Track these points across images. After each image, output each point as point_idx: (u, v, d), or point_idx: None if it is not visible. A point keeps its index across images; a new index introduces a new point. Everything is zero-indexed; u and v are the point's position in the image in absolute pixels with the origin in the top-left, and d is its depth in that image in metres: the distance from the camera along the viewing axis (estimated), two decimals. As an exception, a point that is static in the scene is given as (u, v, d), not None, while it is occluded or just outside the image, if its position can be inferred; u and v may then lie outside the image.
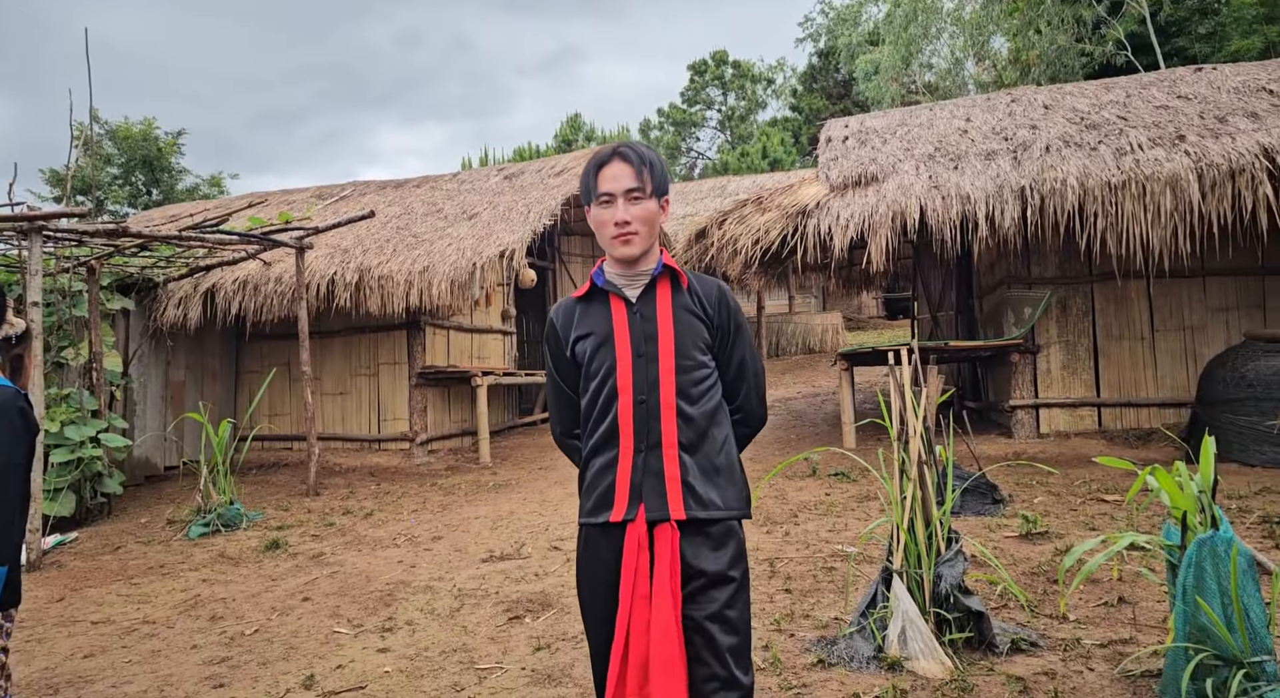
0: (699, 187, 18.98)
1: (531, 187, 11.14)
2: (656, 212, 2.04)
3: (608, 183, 2.01)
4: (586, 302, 2.11)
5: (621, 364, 1.98)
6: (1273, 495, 5.85)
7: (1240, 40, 19.96)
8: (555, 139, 35.27)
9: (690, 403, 1.98)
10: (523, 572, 5.15)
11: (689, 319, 2.03)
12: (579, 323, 2.08)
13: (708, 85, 40.00)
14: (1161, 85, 9.35)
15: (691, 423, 1.97)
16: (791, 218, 8.13)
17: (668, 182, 2.12)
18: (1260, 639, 2.57)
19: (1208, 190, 7.22)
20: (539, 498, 7.54)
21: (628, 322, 2.02)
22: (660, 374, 1.97)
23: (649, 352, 1.98)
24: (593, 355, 2.03)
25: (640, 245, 2.00)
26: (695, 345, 2.01)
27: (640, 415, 1.96)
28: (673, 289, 2.05)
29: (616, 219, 1.99)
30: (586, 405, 2.06)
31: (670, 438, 1.95)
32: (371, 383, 10.50)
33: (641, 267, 2.06)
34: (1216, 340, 8.41)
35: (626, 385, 1.97)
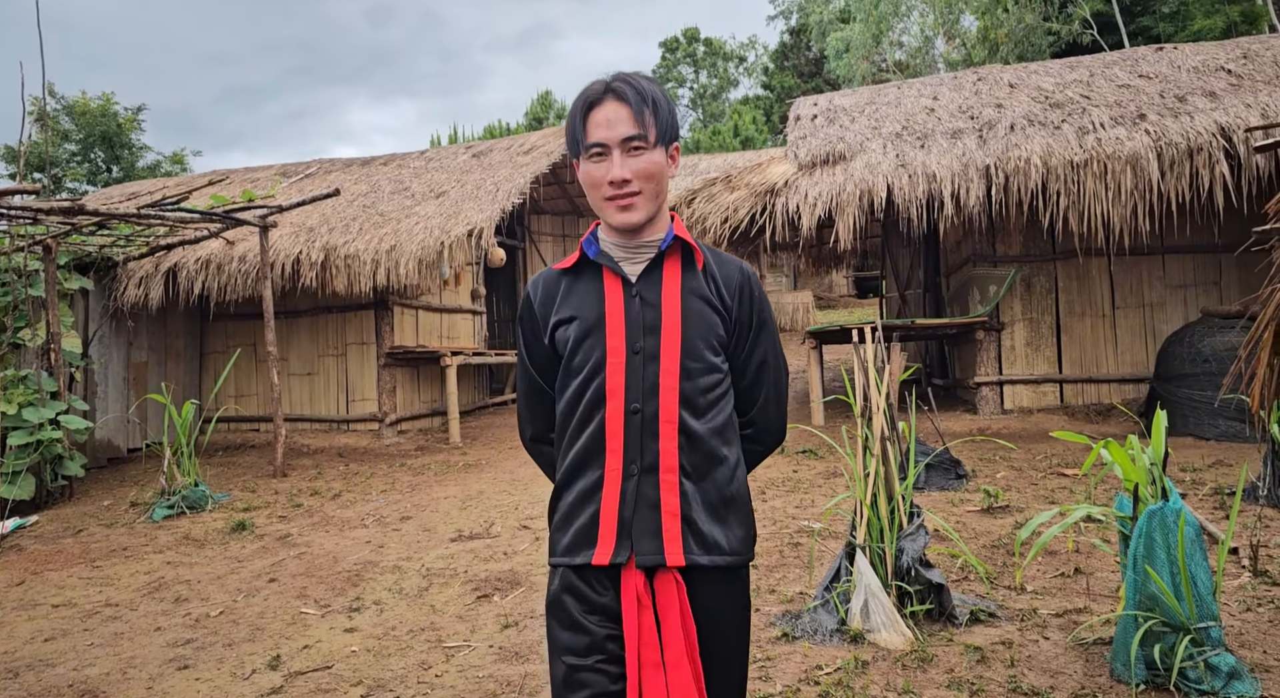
0: (669, 165, 18.93)
1: (500, 165, 11.05)
2: (664, 165, 1.60)
3: (599, 130, 1.55)
4: (574, 276, 1.68)
5: (612, 361, 1.59)
6: (1225, 468, 6.00)
7: (1203, 20, 20.21)
8: (526, 116, 34.96)
9: (696, 416, 1.59)
10: (491, 551, 5.16)
11: (702, 309, 1.62)
12: (562, 302, 1.67)
13: (679, 63, 39.80)
14: (1124, 64, 9.45)
15: (697, 442, 1.59)
16: (760, 196, 8.14)
17: (677, 122, 1.66)
18: (1206, 606, 2.65)
19: (1167, 169, 7.33)
20: (509, 477, 7.55)
21: (624, 306, 1.61)
22: (661, 378, 1.58)
23: (648, 347, 1.59)
24: (576, 346, 1.62)
25: (644, 211, 1.58)
26: (707, 343, 1.61)
27: (633, 429, 1.57)
28: (683, 269, 1.65)
29: (612, 177, 1.55)
30: (564, 410, 1.65)
31: (670, 460, 1.57)
32: (339, 363, 10.41)
33: (646, 236, 1.64)
34: (1175, 317, 8.58)
35: (617, 389, 1.58)
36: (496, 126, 31.34)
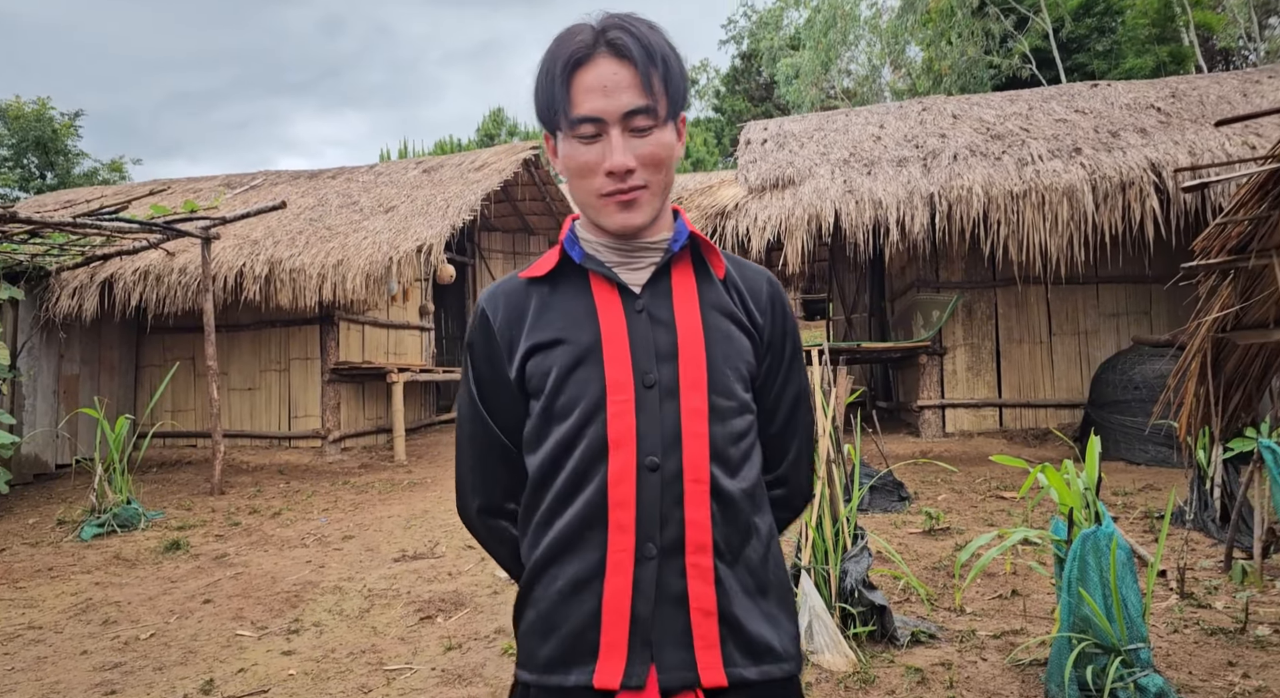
0: (621, 185, 19.04)
1: (451, 181, 10.99)
2: (675, 146, 1.21)
3: (593, 98, 1.15)
4: (549, 286, 1.27)
5: (616, 398, 1.17)
6: (1154, 492, 6.20)
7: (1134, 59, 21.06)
8: (478, 133, 34.83)
9: (730, 473, 1.20)
10: (436, 571, 5.09)
11: (729, 329, 1.25)
12: (537, 321, 1.24)
13: (632, 83, 40.01)
14: (1061, 99, 9.79)
15: (731, 509, 1.19)
16: (711, 218, 8.24)
17: (685, 83, 1.24)
18: (1136, 628, 2.73)
19: (1101, 201, 7.60)
20: (454, 496, 7.46)
21: (626, 325, 1.21)
22: (684, 420, 1.18)
23: (665, 379, 1.18)
24: (561, 381, 1.20)
25: (650, 209, 1.20)
26: (737, 374, 1.23)
27: (649, 491, 1.15)
28: (698, 277, 1.27)
29: (612, 165, 1.15)
30: (541, 470, 1.22)
31: (701, 535, 1.16)
32: (282, 378, 10.21)
33: (647, 237, 1.25)
34: (1108, 345, 8.86)
35: (626, 436, 1.16)
36: (448, 142, 31.20)
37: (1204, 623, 3.62)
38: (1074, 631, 2.79)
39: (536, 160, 11.60)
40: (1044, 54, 22.88)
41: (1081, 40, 22.86)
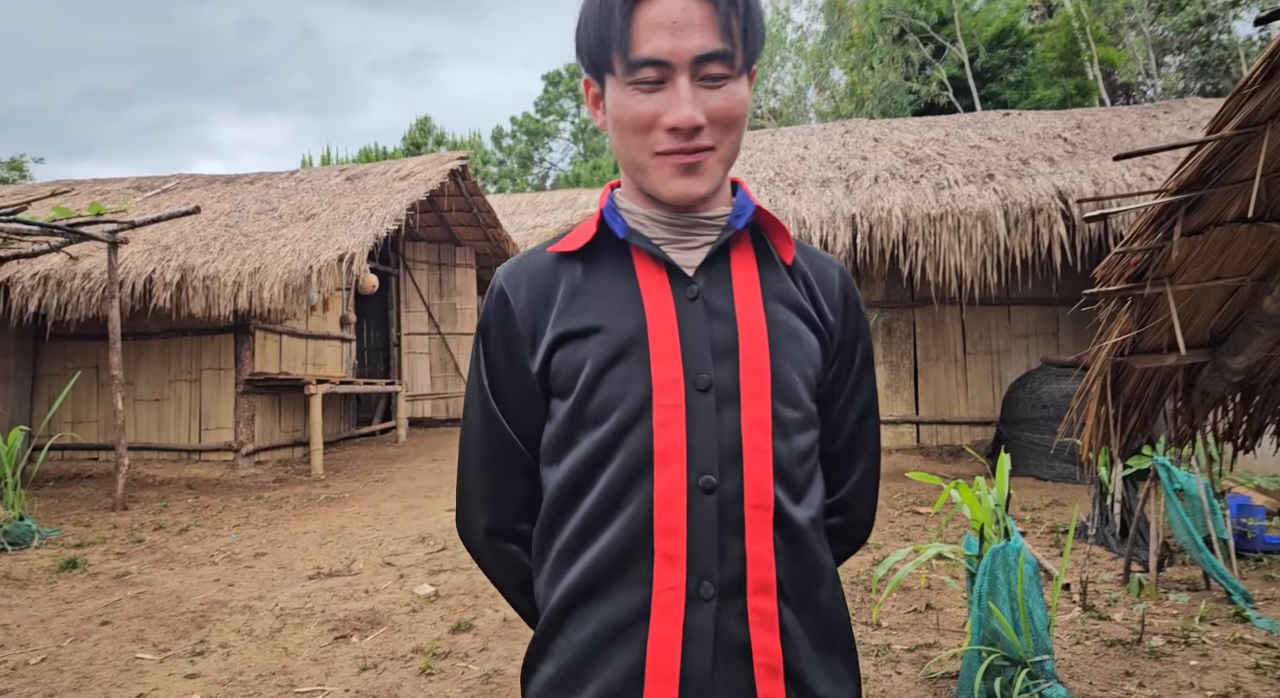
0: (550, 197, 19.03)
1: (375, 189, 10.80)
2: (748, 102, 1.03)
3: (659, 36, 0.95)
4: (584, 262, 1.07)
5: (664, 403, 0.98)
6: (1060, 507, 6.44)
7: (1043, 90, 22.04)
8: (404, 141, 34.37)
9: (795, 499, 1.02)
10: (352, 589, 4.97)
11: (796, 326, 1.06)
12: (570, 303, 1.05)
13: (561, 96, 40.12)
14: (976, 126, 10.17)
15: (798, 542, 1.01)
16: (637, 234, 8.29)
17: (765, 32, 1.08)
18: (1041, 640, 2.83)
19: (1012, 226, 7.90)
20: (374, 512, 7.30)
21: (676, 314, 1.01)
22: (745, 432, 0.99)
23: (722, 382, 1.00)
24: (597, 377, 1.01)
25: (715, 177, 1.01)
26: (804, 380, 1.05)
27: (704, 517, 0.97)
28: (760, 261, 1.08)
29: (678, 120, 0.96)
30: (566, 486, 1.03)
31: (764, 573, 0.98)
32: (193, 389, 9.84)
33: (707, 209, 1.06)
34: (1019, 364, 9.20)
35: (675, 449, 0.97)
36: (372, 150, 30.68)
37: (1104, 635, 3.77)
38: (984, 644, 2.88)
39: (464, 171, 11.49)
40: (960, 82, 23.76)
41: (995, 70, 23.83)
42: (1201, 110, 10.17)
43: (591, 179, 31.61)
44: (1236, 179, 1.64)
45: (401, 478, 8.92)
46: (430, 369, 12.33)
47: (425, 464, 9.64)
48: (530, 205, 18.30)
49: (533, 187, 37.93)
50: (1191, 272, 1.86)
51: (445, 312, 12.51)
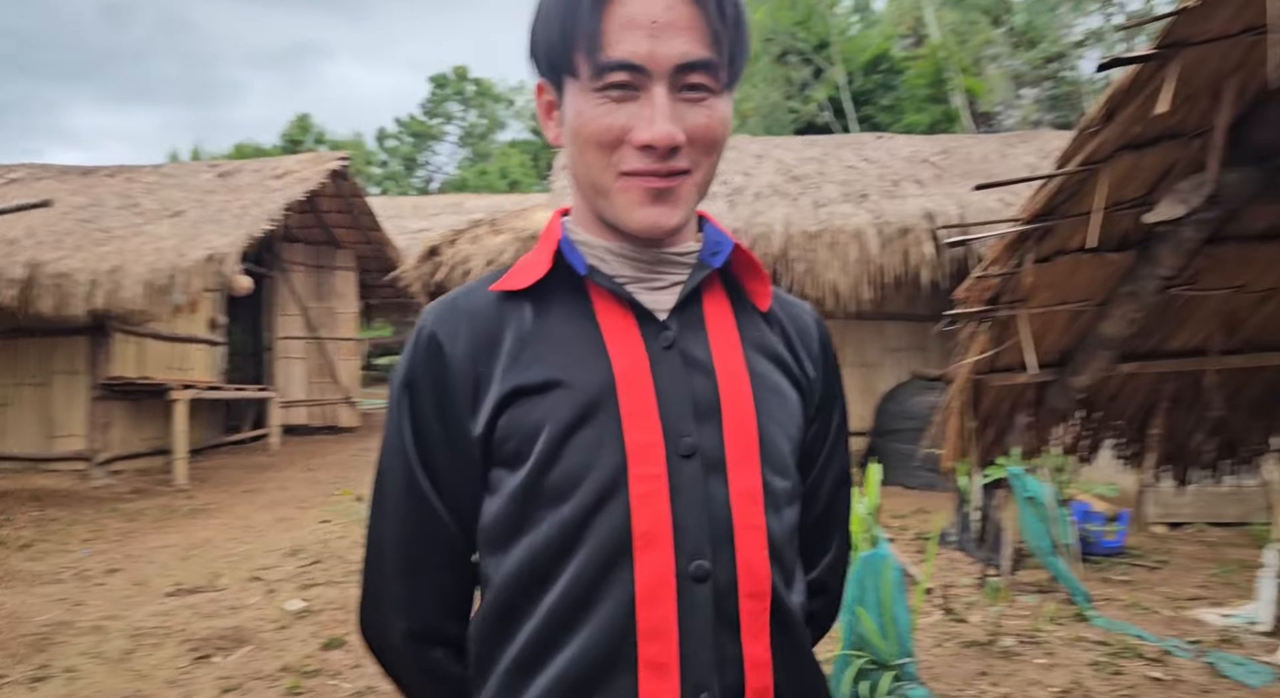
0: (435, 201, 18.70)
1: (250, 187, 10.35)
2: (730, 125, 0.89)
3: (634, 36, 0.80)
4: (535, 303, 0.90)
5: (642, 471, 0.83)
6: (925, 515, 6.77)
7: (913, 115, 23.23)
8: (282, 138, 33.10)
9: (788, 582, 0.90)
10: (216, 606, 4.74)
11: (777, 382, 0.93)
12: (519, 351, 0.88)
13: (448, 99, 39.52)
14: (852, 147, 10.61)
15: (794, 638, 0.89)
16: (525, 242, 8.24)
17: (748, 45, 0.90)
18: (905, 644, 2.97)
19: (884, 244, 8.28)
20: (242, 524, 6.98)
21: (649, 364, 0.86)
22: (735, 506, 0.85)
23: (708, 446, 0.85)
24: (559, 443, 0.84)
25: (688, 206, 0.87)
26: (790, 442, 0.92)
27: (698, 613, 0.82)
28: (735, 307, 0.94)
29: (653, 136, 0.80)
30: (517, 579, 0.85)
31: (762, 680, 0.84)
32: (40, 394, 9.16)
33: (675, 243, 0.92)
34: (890, 377, 9.62)
35: (659, 530, 0.82)
36: (247, 145, 29.42)
37: (962, 636, 3.99)
38: (853, 649, 3.00)
39: (345, 172, 11.15)
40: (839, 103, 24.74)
41: (870, 93, 24.94)
42: (1053, 141, 10.91)
43: (478, 184, 31.22)
44: (1081, 212, 1.78)
45: (273, 488, 8.56)
46: (306, 375, 11.89)
47: (299, 474, 9.28)
48: (415, 209, 17.92)
49: (417, 189, 37.17)
50: (1041, 297, 2.01)
51: (323, 316, 12.09)
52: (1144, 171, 1.75)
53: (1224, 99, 1.56)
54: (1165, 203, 1.67)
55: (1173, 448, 2.68)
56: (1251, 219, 1.93)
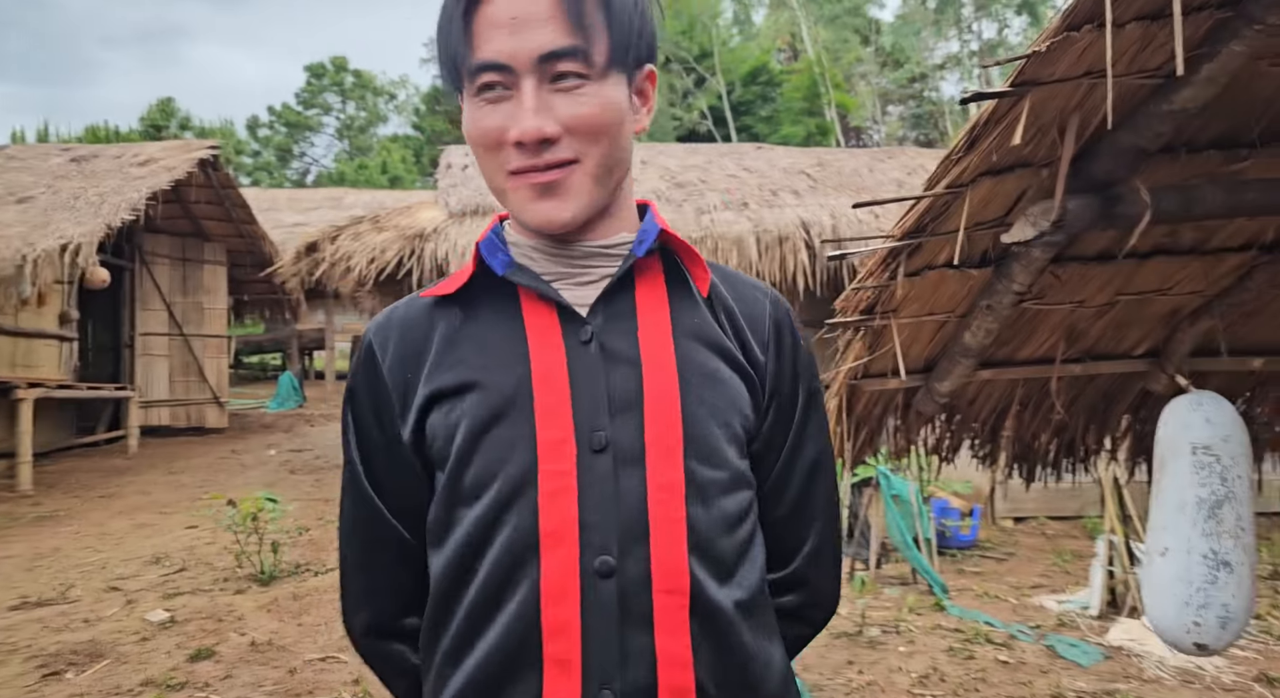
0: (313, 195, 18.01)
1: (108, 174, 9.73)
2: (623, 107, 0.87)
3: (497, 36, 0.82)
4: (462, 308, 0.92)
5: (550, 469, 0.84)
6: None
7: (789, 127, 24.05)
8: (142, 122, 31.14)
9: (721, 578, 0.86)
10: (68, 619, 4.48)
11: (714, 368, 0.90)
12: (441, 356, 0.90)
13: (326, 90, 38.15)
14: (733, 156, 10.92)
15: (725, 634, 0.85)
16: (409, 240, 8.09)
17: (652, 23, 0.92)
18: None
19: (763, 252, 8.57)
20: (97, 531, 6.58)
21: (566, 362, 0.87)
22: (651, 500, 0.84)
23: (624, 440, 0.85)
24: (472, 442, 0.86)
25: (584, 198, 0.87)
26: (728, 433, 0.89)
27: (602, 610, 0.82)
28: (671, 294, 0.93)
29: (520, 133, 0.82)
30: (446, 575, 0.88)
31: (680, 678, 0.82)
32: None
33: (596, 237, 0.93)
34: (767, 379, 9.95)
35: (565, 526, 0.83)
36: (103, 129, 27.51)
37: (831, 628, 4.20)
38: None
39: (215, 161, 10.63)
40: (719, 112, 25.32)
41: (749, 104, 25.67)
42: (919, 158, 11.53)
43: (357, 178, 30.28)
44: (947, 231, 1.94)
45: (132, 493, 8.09)
46: (170, 373, 11.25)
47: (161, 477, 8.80)
48: (290, 201, 17.22)
49: (292, 182, 35.75)
50: (911, 308, 2.17)
51: (189, 311, 11.48)
52: (1001, 196, 1.93)
53: (1068, 134, 1.74)
54: (1019, 225, 1.85)
55: (1021, 448, 2.93)
56: (1089, 242, 2.15)
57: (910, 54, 23.67)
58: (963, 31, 21.77)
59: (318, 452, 10.15)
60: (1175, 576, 1.83)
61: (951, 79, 28.01)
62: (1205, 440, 1.86)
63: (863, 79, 27.10)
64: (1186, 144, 1.96)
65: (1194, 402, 1.94)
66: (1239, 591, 1.79)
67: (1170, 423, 1.96)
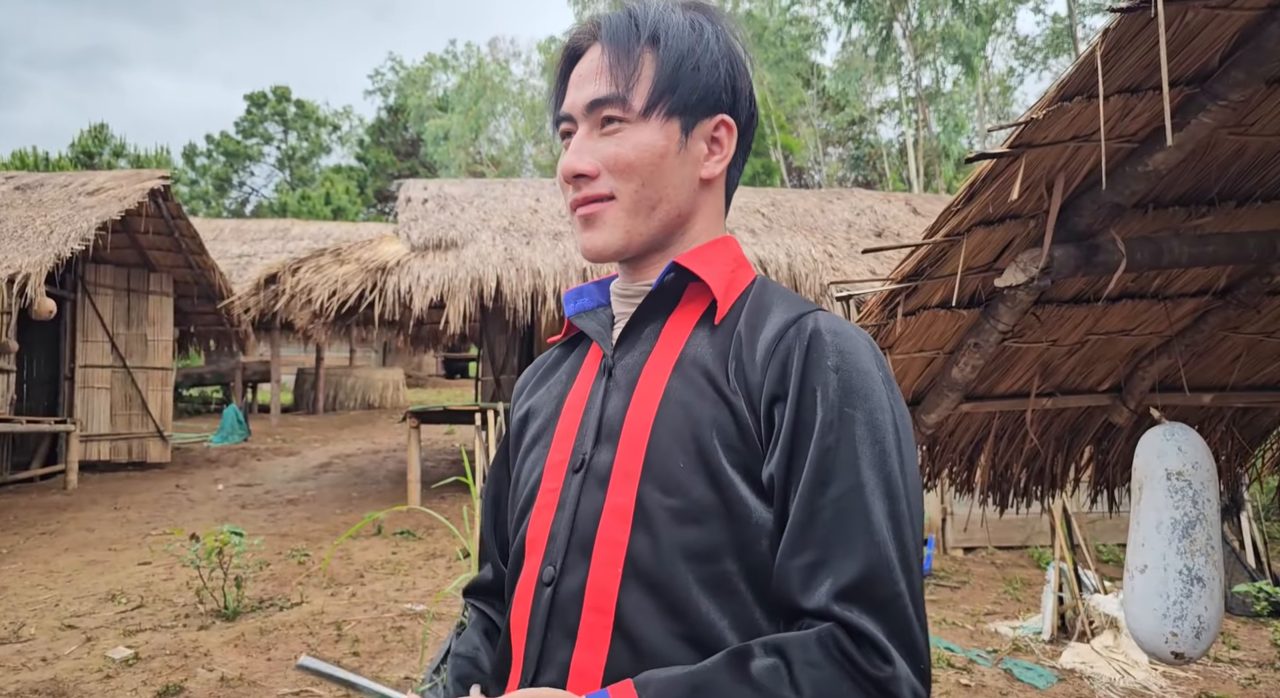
0: (259, 226, 17.75)
1: (55, 203, 9.54)
2: (662, 150, 0.93)
3: (570, 91, 0.97)
4: (567, 350, 1.10)
5: (546, 484, 0.95)
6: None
7: (738, 168, 24.62)
8: (73, 149, 30.33)
9: (663, 608, 0.83)
10: (24, 658, 4.36)
11: (699, 395, 0.89)
12: (533, 387, 1.10)
13: (267, 119, 37.74)
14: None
15: (657, 662, 0.82)
16: (371, 273, 8.11)
17: (722, 76, 0.96)
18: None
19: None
20: (43, 568, 6.37)
21: (588, 393, 0.97)
22: (603, 520, 0.88)
23: (598, 464, 0.91)
24: (521, 461, 1.03)
25: (619, 229, 0.94)
26: (698, 459, 0.86)
27: (536, 618, 0.90)
28: (700, 324, 0.96)
29: (561, 171, 0.95)
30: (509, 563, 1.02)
31: (585, 689, 0.84)
32: None
33: (648, 273, 0.99)
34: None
35: (538, 539, 0.93)
36: (30, 154, 26.69)
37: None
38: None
39: (165, 192, 10.48)
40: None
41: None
42: (866, 200, 11.97)
43: (300, 209, 29.92)
44: (943, 274, 2.12)
45: (76, 529, 7.84)
46: (112, 406, 10.94)
47: (106, 513, 8.54)
48: (235, 232, 16.98)
49: (230, 211, 35.15)
50: (905, 345, 2.35)
51: (133, 343, 11.21)
52: (991, 244, 2.12)
53: (1055, 190, 1.95)
54: (1010, 270, 2.03)
55: (994, 477, 3.12)
56: (1066, 287, 2.36)
57: (851, 98, 24.52)
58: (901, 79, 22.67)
59: (268, 486, 9.97)
60: (1154, 590, 2.01)
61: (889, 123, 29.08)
62: (1178, 467, 2.05)
63: (805, 121, 27.94)
64: (1154, 200, 2.18)
65: (1167, 432, 2.14)
66: (1210, 604, 1.98)
67: (1146, 451, 2.16)
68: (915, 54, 21.10)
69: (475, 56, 32.19)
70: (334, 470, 11.19)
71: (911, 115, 23.08)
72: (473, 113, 28.57)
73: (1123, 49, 1.67)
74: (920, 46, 21.07)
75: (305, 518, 8.07)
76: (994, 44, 23.99)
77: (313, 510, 8.47)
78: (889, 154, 27.94)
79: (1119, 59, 1.69)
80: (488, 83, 29.03)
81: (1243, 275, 2.50)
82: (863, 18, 20.44)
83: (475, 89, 28.76)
